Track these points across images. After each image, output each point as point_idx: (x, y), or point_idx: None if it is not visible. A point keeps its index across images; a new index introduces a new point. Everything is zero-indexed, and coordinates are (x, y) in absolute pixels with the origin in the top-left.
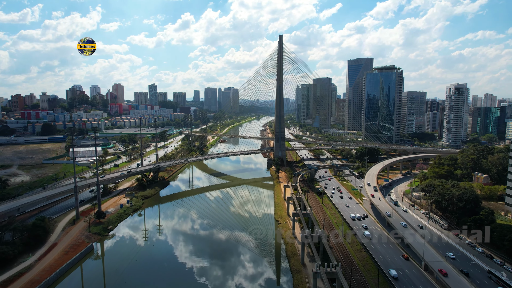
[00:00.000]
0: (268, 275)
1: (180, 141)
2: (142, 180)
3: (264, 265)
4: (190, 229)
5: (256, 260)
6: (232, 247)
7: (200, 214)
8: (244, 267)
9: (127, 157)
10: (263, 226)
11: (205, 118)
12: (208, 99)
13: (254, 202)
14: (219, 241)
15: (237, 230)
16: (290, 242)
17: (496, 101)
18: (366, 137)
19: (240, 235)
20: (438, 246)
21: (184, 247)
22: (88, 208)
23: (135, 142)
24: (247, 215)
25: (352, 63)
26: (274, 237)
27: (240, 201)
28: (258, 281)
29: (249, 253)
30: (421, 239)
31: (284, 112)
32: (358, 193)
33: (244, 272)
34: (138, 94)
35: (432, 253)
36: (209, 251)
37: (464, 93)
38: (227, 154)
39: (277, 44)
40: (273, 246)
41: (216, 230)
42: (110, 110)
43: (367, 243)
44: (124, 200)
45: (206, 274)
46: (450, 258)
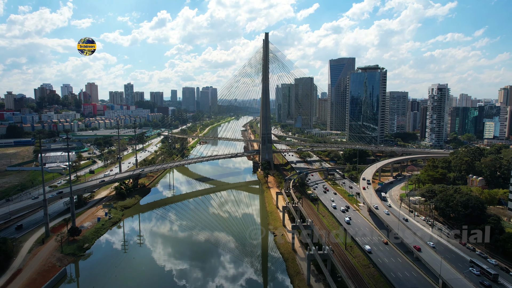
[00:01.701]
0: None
1: (159, 143)
2: (121, 189)
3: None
4: (174, 241)
5: (253, 280)
6: (223, 262)
7: (186, 225)
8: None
9: (103, 162)
10: (257, 239)
11: (183, 118)
12: (186, 99)
13: (244, 210)
14: (206, 253)
15: (228, 243)
16: (291, 258)
17: (470, 101)
18: (350, 137)
19: (232, 249)
20: (449, 259)
21: (167, 260)
22: (60, 223)
23: (111, 145)
24: (238, 225)
25: (333, 62)
26: (269, 250)
27: (228, 209)
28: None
29: (245, 270)
30: (434, 253)
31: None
32: (354, 199)
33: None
34: (113, 94)
35: (447, 269)
36: (198, 266)
37: (446, 93)
38: (211, 158)
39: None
40: (273, 262)
41: (203, 242)
42: (84, 110)
43: (373, 257)
44: (101, 212)
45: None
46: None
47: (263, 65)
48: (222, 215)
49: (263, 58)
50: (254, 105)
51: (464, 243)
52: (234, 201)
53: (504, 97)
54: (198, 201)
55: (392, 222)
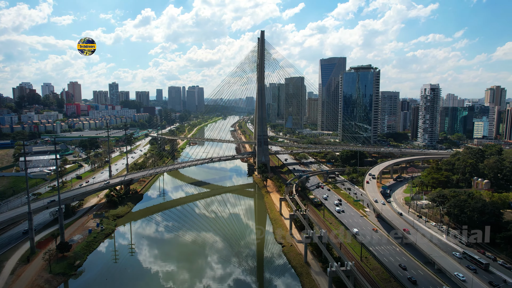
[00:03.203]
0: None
1: (147, 144)
2: (113, 196)
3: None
4: (176, 255)
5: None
6: (231, 275)
7: (184, 235)
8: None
9: (90, 165)
10: (264, 250)
11: (171, 118)
12: (172, 98)
13: (245, 217)
14: (210, 266)
15: (233, 254)
16: (305, 272)
17: (457, 101)
18: (343, 138)
19: (238, 261)
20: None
21: (172, 278)
22: (46, 237)
23: (98, 147)
24: (241, 234)
25: (324, 62)
26: (279, 262)
27: (227, 216)
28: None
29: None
30: (457, 264)
31: (251, 112)
32: (360, 204)
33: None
34: (97, 93)
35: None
36: (202, 280)
37: (438, 93)
38: (206, 161)
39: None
40: (285, 277)
41: (205, 254)
42: (67, 110)
43: (390, 266)
44: (92, 223)
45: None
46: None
47: (258, 64)
48: (222, 223)
49: (258, 56)
50: (240, 105)
51: (483, 251)
52: (232, 207)
53: (491, 97)
54: (194, 207)
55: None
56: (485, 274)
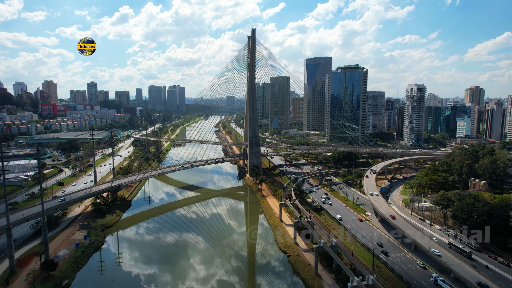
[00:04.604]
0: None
1: (130, 146)
2: (100, 204)
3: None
4: (176, 268)
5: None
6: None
7: (181, 245)
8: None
9: (71, 170)
10: (269, 260)
11: (152, 118)
12: (153, 98)
13: (243, 223)
14: (213, 277)
15: (236, 264)
16: (316, 285)
17: (438, 100)
18: (331, 138)
19: (241, 272)
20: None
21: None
22: (28, 253)
23: (78, 150)
24: (241, 242)
25: (310, 62)
26: (288, 274)
27: (223, 221)
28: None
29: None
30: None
31: (233, 111)
32: (361, 209)
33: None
34: (74, 93)
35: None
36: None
37: (424, 93)
38: (196, 164)
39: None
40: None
41: (206, 265)
42: (42, 111)
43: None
44: (79, 235)
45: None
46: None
47: (249, 64)
48: (219, 230)
49: (249, 55)
50: (221, 104)
51: (495, 256)
52: (228, 213)
53: (470, 97)
54: (187, 214)
55: (413, 235)
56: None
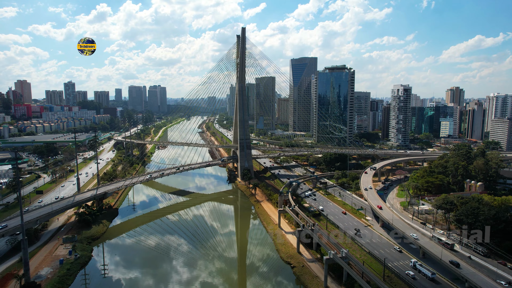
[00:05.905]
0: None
1: (112, 149)
2: (85, 214)
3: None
4: (160, 283)
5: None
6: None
7: (173, 255)
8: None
9: (49, 176)
10: (274, 273)
11: (134, 120)
12: (133, 98)
13: (240, 231)
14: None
15: (234, 278)
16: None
17: (419, 100)
18: (318, 139)
19: (241, 285)
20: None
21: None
22: (4, 274)
23: (57, 154)
24: (240, 252)
25: (295, 62)
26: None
27: (217, 228)
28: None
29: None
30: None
31: (216, 111)
32: (361, 214)
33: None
34: (50, 93)
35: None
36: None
37: (410, 94)
38: (185, 169)
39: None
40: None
41: (198, 276)
42: (15, 112)
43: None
44: (63, 250)
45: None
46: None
47: (239, 63)
48: (213, 238)
49: (239, 55)
50: (202, 105)
51: (504, 262)
52: (221, 219)
53: (451, 97)
54: (177, 221)
55: (425, 244)
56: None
